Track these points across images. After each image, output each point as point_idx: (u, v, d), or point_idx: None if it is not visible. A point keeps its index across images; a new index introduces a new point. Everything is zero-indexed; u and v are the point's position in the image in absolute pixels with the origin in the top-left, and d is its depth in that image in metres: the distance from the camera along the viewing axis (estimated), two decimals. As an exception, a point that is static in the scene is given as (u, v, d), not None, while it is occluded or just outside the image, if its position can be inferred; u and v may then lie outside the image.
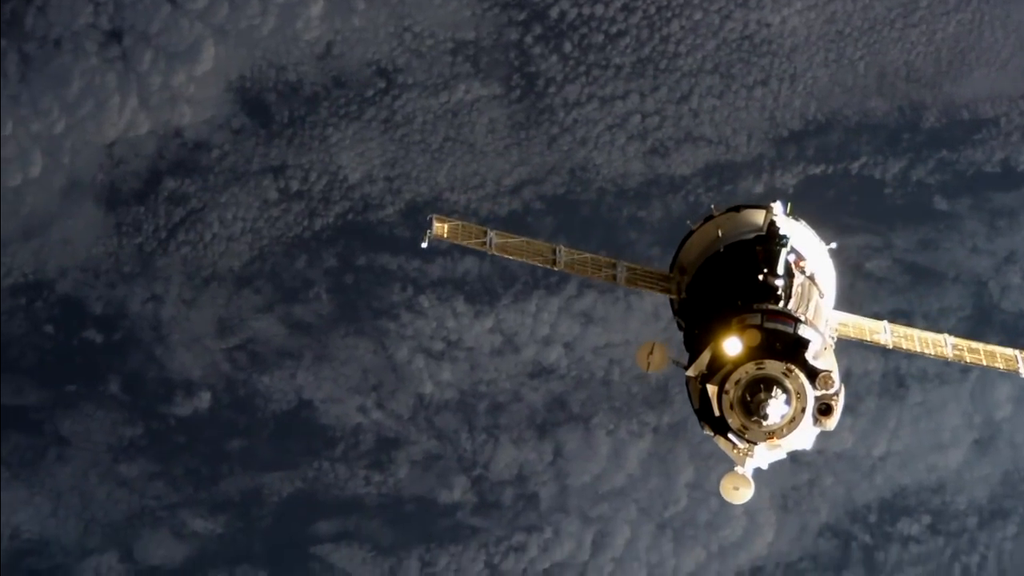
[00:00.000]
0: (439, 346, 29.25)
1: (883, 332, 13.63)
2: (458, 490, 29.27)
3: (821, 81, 29.81)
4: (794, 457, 29.57)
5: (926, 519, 29.00)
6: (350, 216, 29.58)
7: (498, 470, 29.17)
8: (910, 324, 29.45)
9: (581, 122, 29.66)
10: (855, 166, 29.69)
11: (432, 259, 29.32)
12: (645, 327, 29.16)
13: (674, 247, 13.80)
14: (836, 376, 12.20)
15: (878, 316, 27.95)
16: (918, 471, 29.01)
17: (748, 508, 29.09)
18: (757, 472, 12.35)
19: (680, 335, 13.47)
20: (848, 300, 29.47)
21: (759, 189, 29.49)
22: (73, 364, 29.43)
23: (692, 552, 29.08)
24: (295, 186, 29.57)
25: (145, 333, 29.32)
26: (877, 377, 28.94)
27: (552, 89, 29.81)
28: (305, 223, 29.47)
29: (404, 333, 29.26)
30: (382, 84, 29.78)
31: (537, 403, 29.26)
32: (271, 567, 29.22)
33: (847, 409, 12.41)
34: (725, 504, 29.53)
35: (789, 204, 13.45)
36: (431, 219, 13.47)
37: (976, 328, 28.90)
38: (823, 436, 27.65)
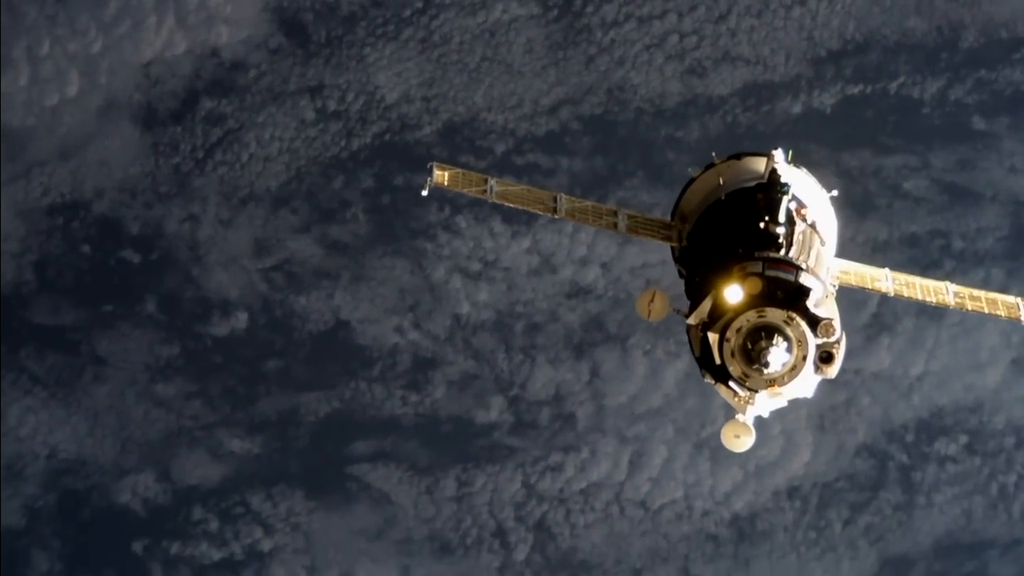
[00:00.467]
0: (476, 266, 29.42)
1: (884, 280, 13.60)
2: (495, 410, 29.46)
3: (859, 0, 29.88)
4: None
5: (963, 439, 29.14)
6: (387, 136, 29.71)
7: (535, 390, 29.36)
8: (948, 245, 29.68)
9: (619, 42, 29.74)
10: (893, 86, 29.75)
11: (469, 179, 29.43)
12: (682, 247, 29.31)
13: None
14: (837, 324, 12.19)
15: (916, 236, 28.13)
16: (955, 391, 29.16)
17: (785, 428, 29.28)
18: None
19: (682, 283, 13.44)
20: (886, 221, 29.59)
21: (797, 109, 29.58)
22: (110, 284, 29.66)
23: (728, 472, 29.27)
24: (332, 106, 29.70)
25: (182, 253, 29.52)
26: (915, 297, 29.03)
27: (589, 8, 29.89)
28: (342, 143, 29.61)
29: (441, 253, 29.42)
30: (419, 3, 29.88)
31: (574, 323, 29.43)
32: (308, 487, 29.41)
33: (885, 328, 12.46)
34: (762, 423, 29.76)
35: (791, 151, 13.35)
36: (431, 167, 13.42)
37: (1014, 248, 29.07)
38: (862, 356, 27.75)
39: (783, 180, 12.87)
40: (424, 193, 13.48)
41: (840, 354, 12.19)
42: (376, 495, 29.41)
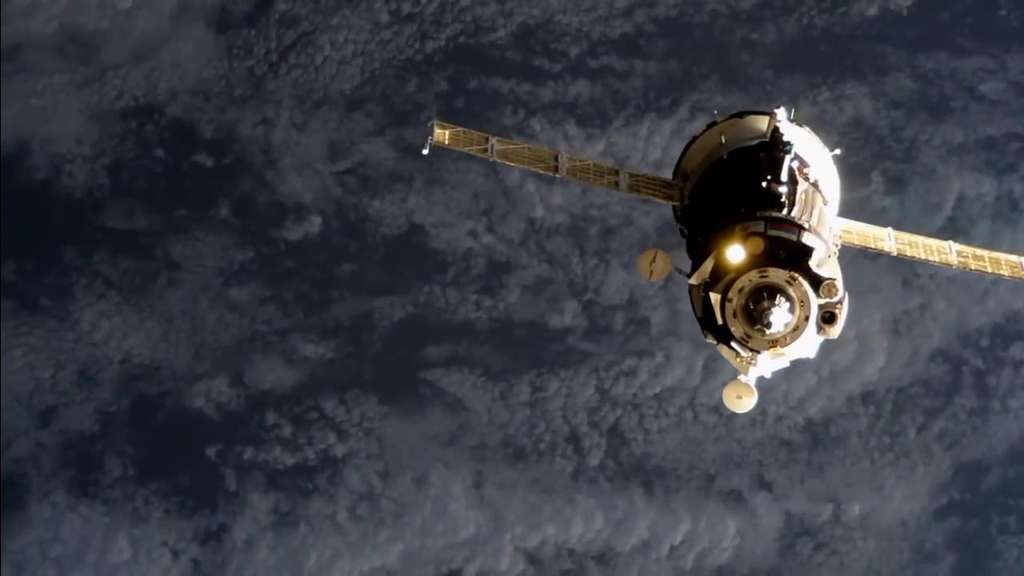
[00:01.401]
0: (550, 170, 29.58)
1: (887, 239, 13.84)
2: (569, 315, 29.67)
3: (934, -100, 30.07)
4: (906, 281, 30.01)
5: (1039, 343, 29.40)
6: (461, 39, 29.91)
7: (609, 294, 29.57)
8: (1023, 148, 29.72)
9: (693, -57, 29.98)
10: (970, -13, 29.96)
11: (543, 82, 29.68)
12: (758, 150, 29.51)
13: (787, 70, 13.79)
14: (840, 284, 12.34)
15: (992, 139, 28.22)
16: (1032, 294, 29.35)
17: (859, 333, 29.44)
18: (869, 293, 12.49)
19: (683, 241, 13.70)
20: (961, 123, 29.71)
21: (873, 11, 29.73)
22: (184, 188, 29.88)
23: (803, 377, 29.46)
24: (406, 8, 29.89)
25: (256, 157, 29.75)
26: (990, 200, 29.26)
27: (665, -96, 30.09)
28: (416, 46, 29.80)
29: (515, 156, 29.58)
30: (493, -98, 30.11)
31: (648, 227, 29.62)
32: (381, 392, 29.64)
33: (960, 232, 12.57)
34: (837, 328, 29.92)
35: (793, 110, 13.43)
36: (432, 125, 13.90)
37: (1089, 150, 29.31)
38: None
39: (785, 139, 12.97)
40: (425, 152, 13.90)
41: (843, 314, 12.29)
42: (449, 400, 29.67)
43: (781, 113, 13.18)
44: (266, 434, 29.48)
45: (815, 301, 12.17)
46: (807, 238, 12.39)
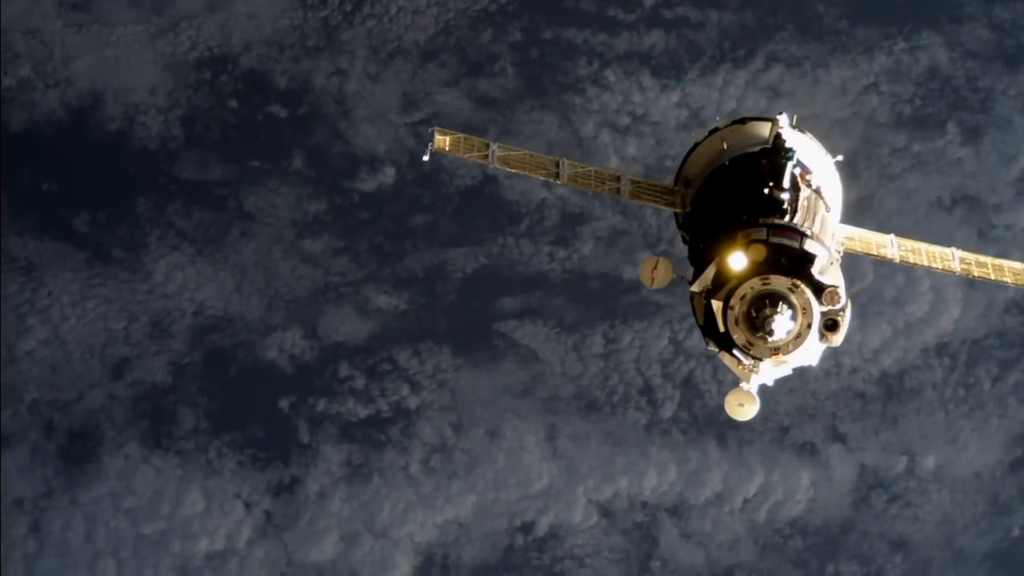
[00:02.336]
0: (625, 120, 29.87)
1: (890, 246, 13.81)
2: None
3: None
4: (982, 232, 30.21)
5: (1116, 294, 29.55)
6: (536, -12, 30.21)
7: (683, 246, 29.62)
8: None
9: None
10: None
11: (618, 32, 29.90)
12: (832, 101, 29.76)
13: (862, 20, 13.78)
14: (842, 291, 12.35)
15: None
16: (1109, 243, 29.56)
17: (934, 284, 29.65)
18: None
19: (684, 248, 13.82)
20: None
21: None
22: (257, 139, 30.15)
23: (877, 328, 29.69)
24: (481, -42, 30.21)
25: (329, 108, 30.00)
26: (1063, 147, 29.52)
27: None
28: (491, -5, 30.12)
29: (590, 107, 29.87)
30: None
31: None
32: (454, 343, 29.88)
33: None
34: (912, 279, 30.21)
35: (795, 116, 13.50)
36: (432, 131, 13.87)
37: None
38: (1012, 211, 28.18)
39: (787, 145, 13.05)
40: (425, 158, 13.93)
41: (845, 321, 12.32)
42: (523, 352, 29.91)
43: (783, 119, 13.31)
44: (339, 386, 29.75)
45: (817, 308, 12.19)
46: (809, 245, 12.42)
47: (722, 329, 12.28)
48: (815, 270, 12.26)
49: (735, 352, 12.45)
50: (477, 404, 29.77)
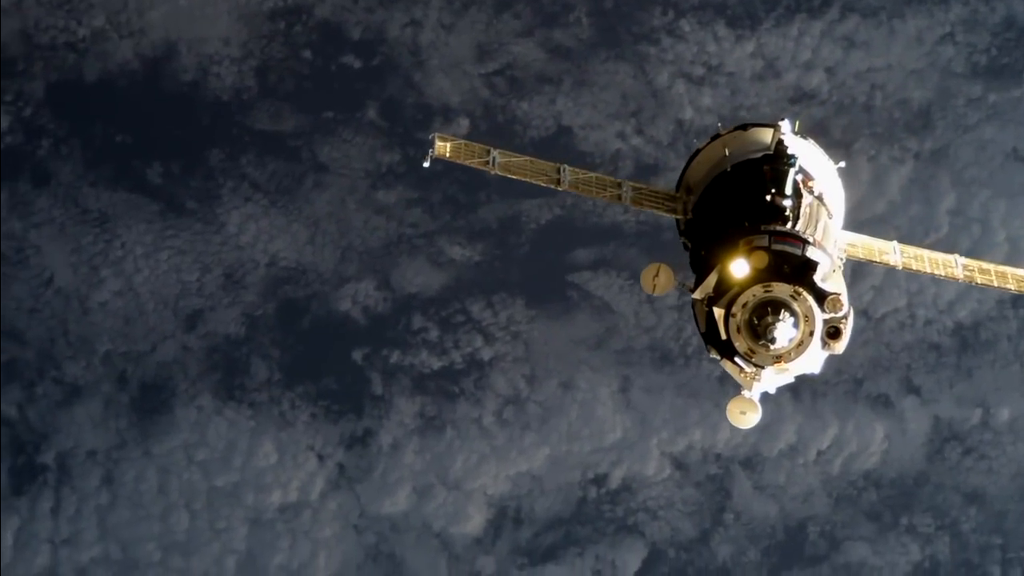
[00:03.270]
0: (699, 71, 30.09)
1: (892, 253, 14.08)
2: (717, 217, 30.13)
3: None
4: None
5: None
6: (612, -62, 30.39)
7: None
8: None
9: None
10: None
11: (694, -19, 30.20)
12: (908, 51, 29.96)
13: None
14: (845, 298, 12.51)
15: None
16: None
17: (1010, 235, 29.80)
18: (1019, 196, 12.49)
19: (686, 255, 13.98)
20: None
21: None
22: (331, 90, 30.38)
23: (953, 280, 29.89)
24: (557, -94, 30.39)
25: (404, 58, 30.24)
26: None
27: None
28: (567, -56, 30.31)
29: (664, 58, 30.11)
30: None
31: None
32: (528, 295, 30.07)
33: None
34: (988, 230, 30.37)
35: (797, 122, 13.71)
36: (433, 138, 14.15)
37: None
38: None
39: (790, 151, 13.28)
40: (426, 164, 14.25)
41: (848, 329, 12.44)
42: (597, 304, 30.16)
43: (785, 125, 13.58)
44: (413, 338, 30.01)
45: (820, 316, 12.31)
46: (812, 252, 12.56)
47: (724, 337, 12.38)
48: (817, 277, 12.36)
49: (737, 360, 12.55)
50: (550, 356, 30.02)
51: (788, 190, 12.99)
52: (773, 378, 12.70)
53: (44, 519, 29.46)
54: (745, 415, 12.83)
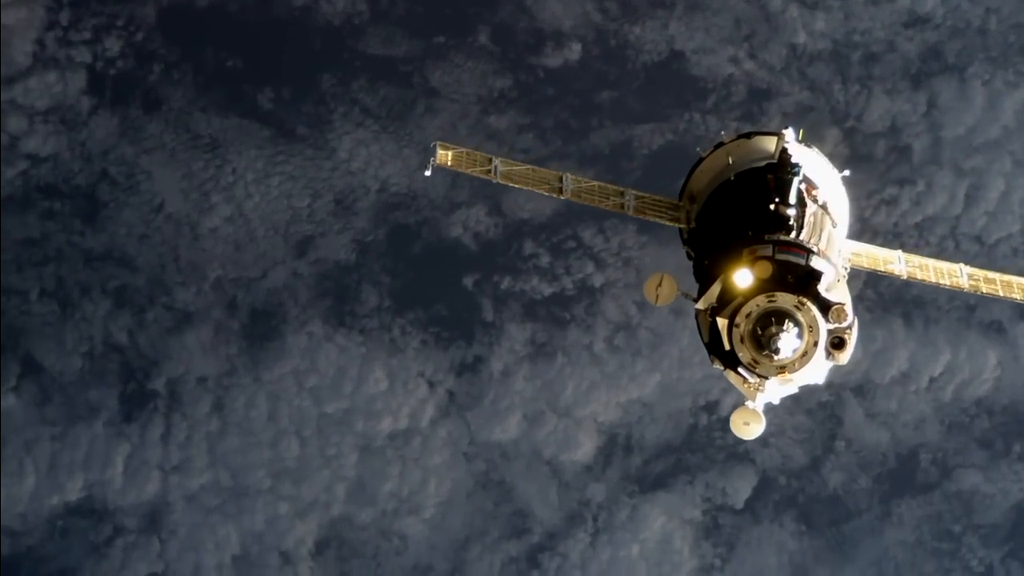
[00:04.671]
0: (813, -6, 30.48)
1: (897, 262, 14.01)
2: (829, 142, 30.39)
3: None
4: None
5: None
6: None
7: (871, 121, 30.29)
8: None
9: None
10: None
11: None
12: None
13: None
14: (849, 308, 12.47)
15: None
16: None
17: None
18: None
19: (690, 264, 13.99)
20: None
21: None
22: (443, 15, 30.69)
23: (1064, 203, 30.23)
24: None
25: (516, -18, 30.66)
26: None
27: None
28: None
29: (778, -19, 30.49)
30: None
31: (911, 53, 30.36)
32: (640, 221, 29.51)
33: None
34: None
35: (801, 131, 13.63)
36: (435, 146, 14.23)
37: None
38: None
39: (794, 160, 13.16)
40: (427, 173, 14.28)
41: (852, 339, 12.42)
42: (708, 229, 30.49)
43: (789, 134, 13.47)
44: (524, 264, 30.34)
45: (824, 326, 12.29)
46: (816, 262, 12.52)
47: (727, 347, 12.37)
48: (821, 287, 12.36)
49: (740, 370, 12.56)
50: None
51: (792, 199, 12.98)
52: (777, 388, 12.74)
53: (154, 446, 29.87)
54: (748, 426, 12.91)
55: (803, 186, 13.17)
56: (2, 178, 30.00)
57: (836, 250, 13.33)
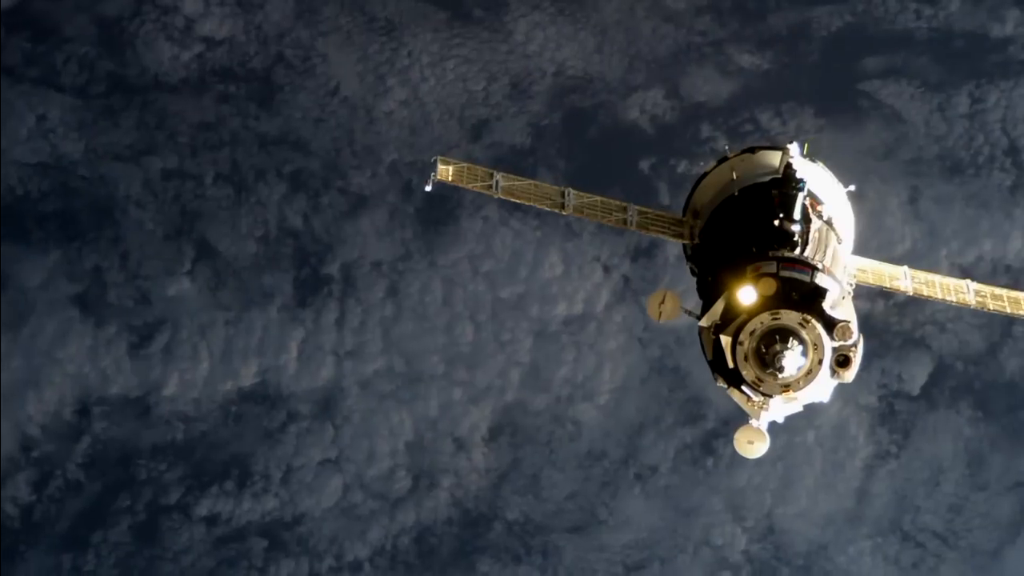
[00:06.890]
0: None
1: (903, 278, 13.94)
2: (1010, 24, 30.76)
3: None
4: None
5: None
6: None
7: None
8: None
9: None
10: None
11: None
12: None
13: None
14: (854, 326, 12.40)
15: None
16: None
17: None
18: None
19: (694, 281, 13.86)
20: None
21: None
22: None
23: None
24: None
25: None
26: None
27: None
28: None
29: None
30: None
31: None
32: (817, 103, 30.77)
33: None
34: None
35: (806, 145, 13.61)
36: (435, 161, 14.06)
37: None
38: None
39: (799, 175, 13.12)
40: (428, 188, 14.12)
41: (857, 357, 12.38)
42: (887, 112, 30.94)
43: (794, 148, 13.42)
44: (700, 147, 30.76)
45: (829, 344, 12.28)
46: (821, 279, 12.50)
47: (731, 365, 12.36)
48: (826, 304, 12.37)
49: (744, 388, 12.56)
50: (839, 166, 30.56)
51: (797, 215, 12.96)
52: (781, 407, 12.73)
53: (329, 330, 30.52)
54: (753, 444, 12.85)
55: (807, 201, 13.21)
56: (179, 61, 30.77)
57: (841, 266, 13.33)
